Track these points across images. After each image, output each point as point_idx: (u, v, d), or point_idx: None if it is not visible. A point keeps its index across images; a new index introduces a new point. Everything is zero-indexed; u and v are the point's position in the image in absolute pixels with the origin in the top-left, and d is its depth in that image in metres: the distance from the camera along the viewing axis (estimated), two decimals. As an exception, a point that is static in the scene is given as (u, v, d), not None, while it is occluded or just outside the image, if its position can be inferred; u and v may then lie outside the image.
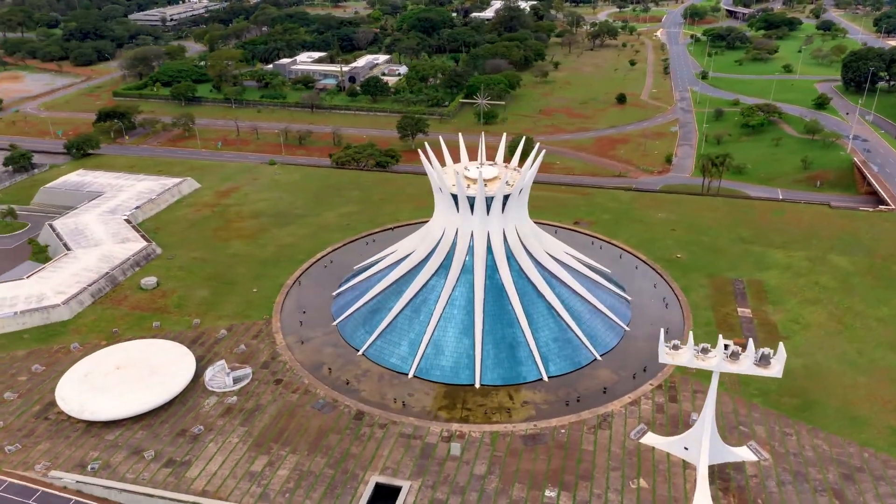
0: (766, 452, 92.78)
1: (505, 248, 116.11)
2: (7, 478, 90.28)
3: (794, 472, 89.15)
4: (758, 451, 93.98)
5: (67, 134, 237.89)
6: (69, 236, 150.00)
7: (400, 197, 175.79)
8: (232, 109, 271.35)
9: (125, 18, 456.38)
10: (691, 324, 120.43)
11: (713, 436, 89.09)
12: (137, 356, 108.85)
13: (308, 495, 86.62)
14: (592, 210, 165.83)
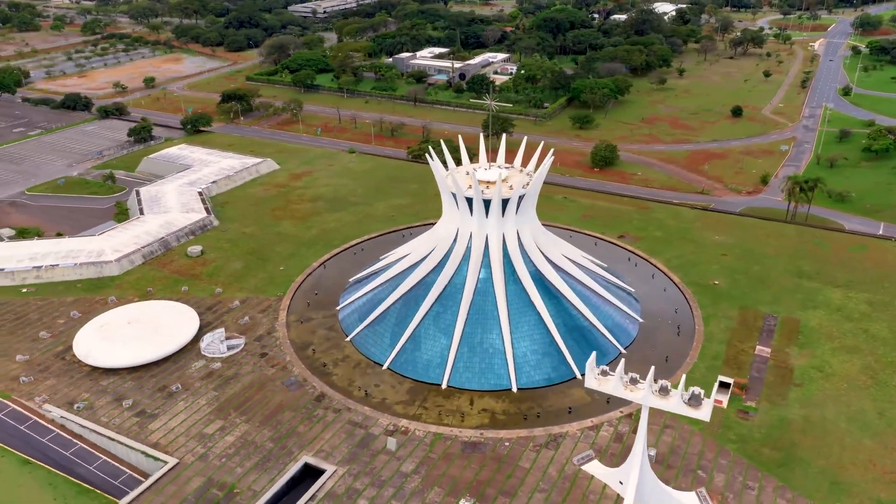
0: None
1: (503, 252, 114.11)
2: (11, 403, 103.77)
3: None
4: (705, 500, 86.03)
5: (196, 111, 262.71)
6: (147, 202, 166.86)
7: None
8: (343, 99, 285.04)
9: (284, 10, 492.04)
10: (696, 356, 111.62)
11: (650, 476, 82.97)
12: (150, 315, 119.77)
13: (241, 463, 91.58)
14: (646, 225, 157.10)
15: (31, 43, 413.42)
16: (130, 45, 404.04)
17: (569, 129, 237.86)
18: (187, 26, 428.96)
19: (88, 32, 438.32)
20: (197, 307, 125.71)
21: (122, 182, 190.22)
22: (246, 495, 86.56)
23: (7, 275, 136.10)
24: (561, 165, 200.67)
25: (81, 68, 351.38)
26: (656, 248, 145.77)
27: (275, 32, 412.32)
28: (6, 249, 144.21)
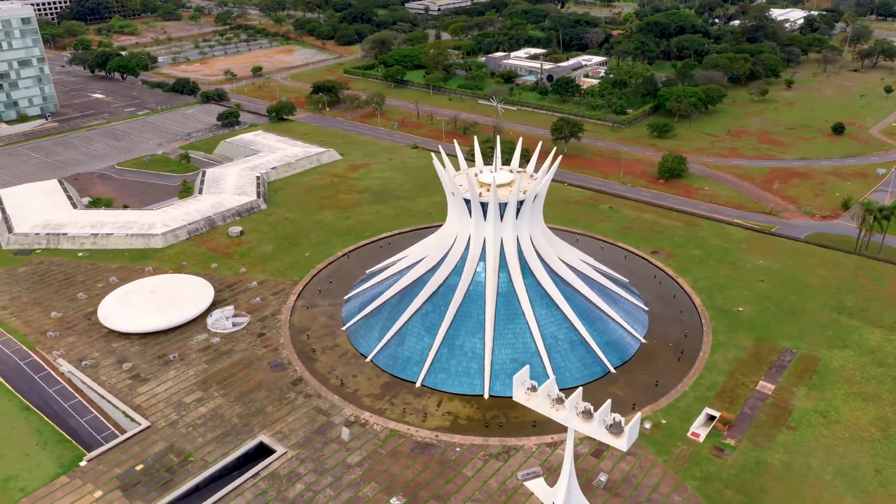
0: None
1: (500, 256, 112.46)
2: (33, 354, 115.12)
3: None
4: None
5: (288, 100, 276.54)
6: (208, 183, 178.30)
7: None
8: (429, 95, 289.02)
9: (401, 6, 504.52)
10: (689, 385, 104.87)
11: (578, 499, 79.47)
12: (171, 287, 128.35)
13: (204, 434, 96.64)
14: (686, 242, 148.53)
15: (169, 31, 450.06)
16: (252, 35, 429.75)
17: (645, 138, 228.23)
18: (306, 19, 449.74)
19: (220, 23, 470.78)
20: (218, 284, 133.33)
21: (197, 162, 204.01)
22: (198, 464, 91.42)
23: (69, 239, 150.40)
24: (625, 174, 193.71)
25: (204, 56, 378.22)
26: (688, 268, 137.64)
27: (385, 28, 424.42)
28: (76, 216, 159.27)
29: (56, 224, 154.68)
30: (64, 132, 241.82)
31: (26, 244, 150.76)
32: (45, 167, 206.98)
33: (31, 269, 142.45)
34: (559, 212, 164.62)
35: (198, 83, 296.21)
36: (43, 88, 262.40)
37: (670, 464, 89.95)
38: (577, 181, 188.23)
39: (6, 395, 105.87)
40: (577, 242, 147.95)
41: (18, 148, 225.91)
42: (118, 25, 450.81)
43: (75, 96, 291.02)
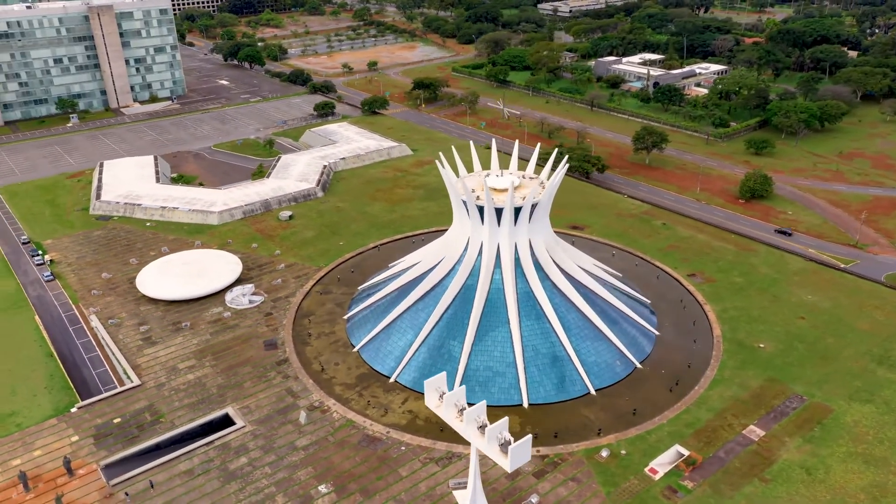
0: None
1: (496, 262, 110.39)
2: (75, 308, 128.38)
3: None
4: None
5: (392, 95, 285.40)
6: (279, 168, 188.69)
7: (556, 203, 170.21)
8: (528, 96, 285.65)
9: (533, 7, 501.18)
10: (668, 418, 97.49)
11: None
12: (203, 261, 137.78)
13: (181, 399, 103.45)
14: (733, 267, 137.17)
15: (310, 25, 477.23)
16: (381, 32, 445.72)
17: (740, 154, 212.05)
18: (434, 17, 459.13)
19: (357, 19, 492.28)
20: (250, 263, 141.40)
21: (282, 148, 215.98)
22: (165, 425, 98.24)
23: (142, 209, 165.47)
24: (702, 191, 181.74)
25: (331, 49, 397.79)
26: (722, 295, 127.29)
27: (510, 28, 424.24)
28: (154, 189, 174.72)
29: (135, 195, 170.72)
30: (182, 113, 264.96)
31: (108, 211, 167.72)
32: (155, 144, 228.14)
33: (104, 233, 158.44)
34: (607, 224, 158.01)
35: (312, 75, 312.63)
36: (174, 73, 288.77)
37: (612, 497, 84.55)
38: (642, 193, 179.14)
39: (39, 340, 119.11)
40: (612, 258, 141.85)
41: (141, 125, 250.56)
42: (265, 18, 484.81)
43: (205, 82, 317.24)
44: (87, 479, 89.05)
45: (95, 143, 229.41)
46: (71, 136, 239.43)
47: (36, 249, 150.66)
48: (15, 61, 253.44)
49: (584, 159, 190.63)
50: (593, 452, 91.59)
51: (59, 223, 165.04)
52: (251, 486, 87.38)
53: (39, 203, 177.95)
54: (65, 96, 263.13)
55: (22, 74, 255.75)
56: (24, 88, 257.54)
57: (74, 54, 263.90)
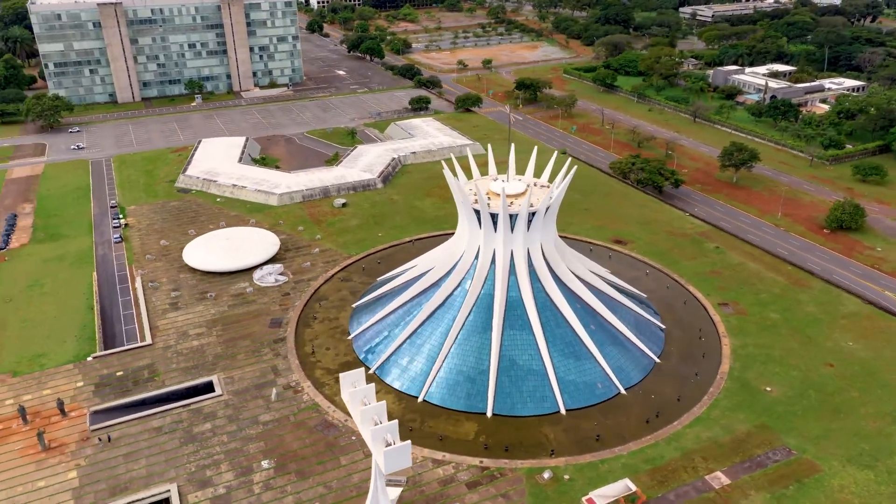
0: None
1: (490, 268, 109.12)
2: (128, 269, 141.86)
3: None
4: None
5: (495, 94, 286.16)
6: (351, 157, 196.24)
7: (606, 215, 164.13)
8: (632, 103, 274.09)
9: (674, 10, 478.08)
10: (629, 450, 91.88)
11: None
12: (244, 238, 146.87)
13: (180, 363, 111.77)
14: (773, 302, 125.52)
15: (444, 21, 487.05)
16: (509, 30, 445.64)
17: (844, 179, 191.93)
18: (564, 17, 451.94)
19: (491, 16, 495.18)
20: (290, 244, 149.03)
21: (366, 138, 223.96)
22: (156, 383, 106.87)
23: (217, 185, 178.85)
24: (783, 216, 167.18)
25: (454, 46, 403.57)
26: (747, 330, 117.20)
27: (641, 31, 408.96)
28: (232, 168, 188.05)
29: (214, 172, 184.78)
30: (292, 100, 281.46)
31: (189, 185, 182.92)
32: (257, 126, 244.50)
33: (179, 204, 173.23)
34: (654, 241, 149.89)
35: (426, 70, 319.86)
36: (293, 62, 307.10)
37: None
38: (714, 213, 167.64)
39: (88, 294, 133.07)
40: (646, 276, 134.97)
41: (252, 109, 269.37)
42: (402, 13, 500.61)
43: (325, 71, 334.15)
44: (76, 420, 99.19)
45: (208, 123, 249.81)
46: (190, 114, 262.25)
47: (118, 213, 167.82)
48: (155, 44, 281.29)
49: (656, 172, 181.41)
50: (536, 472, 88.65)
51: (146, 192, 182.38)
52: (204, 451, 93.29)
53: (138, 172, 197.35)
54: (195, 78, 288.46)
55: (160, 56, 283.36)
56: (161, 69, 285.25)
57: (206, 40, 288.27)
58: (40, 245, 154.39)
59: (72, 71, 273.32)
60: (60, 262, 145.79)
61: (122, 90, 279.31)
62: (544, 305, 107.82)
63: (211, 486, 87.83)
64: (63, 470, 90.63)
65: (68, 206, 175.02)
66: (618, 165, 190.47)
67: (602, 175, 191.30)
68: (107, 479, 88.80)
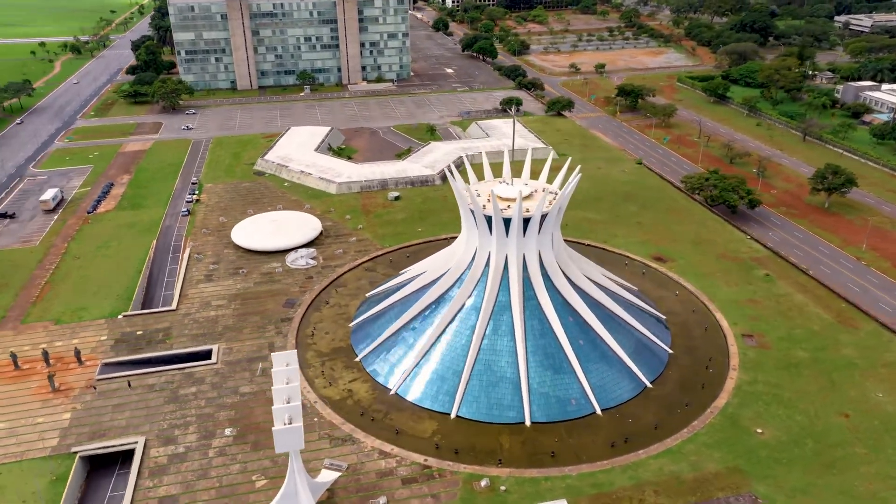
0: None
1: (483, 272, 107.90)
2: (182, 241, 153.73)
3: None
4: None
5: (598, 100, 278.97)
6: (420, 153, 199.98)
7: (672, 235, 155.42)
8: (741, 116, 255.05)
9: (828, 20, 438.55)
10: (580, 471, 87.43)
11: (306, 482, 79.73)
12: (289, 221, 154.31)
13: (192, 330, 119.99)
14: (808, 339, 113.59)
15: (573, 24, 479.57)
16: (637, 35, 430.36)
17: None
18: (698, 24, 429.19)
19: (624, 20, 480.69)
20: (332, 231, 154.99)
21: (445, 135, 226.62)
22: (165, 345, 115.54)
23: (287, 171, 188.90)
24: (870, 249, 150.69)
25: (574, 49, 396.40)
26: (764, 366, 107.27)
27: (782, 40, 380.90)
28: (306, 156, 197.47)
29: (288, 158, 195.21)
30: (394, 95, 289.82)
31: (265, 168, 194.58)
32: (351, 118, 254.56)
33: (250, 186, 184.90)
34: (699, 263, 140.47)
35: (539, 72, 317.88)
36: (401, 58, 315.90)
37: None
38: (789, 240, 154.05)
39: (142, 258, 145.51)
40: (674, 297, 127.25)
41: (352, 101, 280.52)
42: (532, 14, 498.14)
43: (434, 69, 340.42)
44: (88, 369, 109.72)
45: (308, 112, 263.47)
46: (295, 104, 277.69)
47: (195, 190, 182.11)
48: (275, 37, 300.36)
49: (730, 189, 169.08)
50: (476, 479, 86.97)
51: (227, 172, 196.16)
52: (180, 412, 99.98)
53: (228, 154, 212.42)
54: (308, 70, 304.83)
55: (278, 48, 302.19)
56: (278, 60, 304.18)
57: (321, 34, 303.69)
58: (121, 212, 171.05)
59: (200, 58, 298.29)
60: (130, 229, 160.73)
61: (242, 78, 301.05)
62: (533, 314, 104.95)
63: (174, 444, 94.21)
64: (61, 411, 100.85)
65: (158, 180, 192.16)
66: (689, 180, 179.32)
67: (672, 189, 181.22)
68: (91, 425, 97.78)
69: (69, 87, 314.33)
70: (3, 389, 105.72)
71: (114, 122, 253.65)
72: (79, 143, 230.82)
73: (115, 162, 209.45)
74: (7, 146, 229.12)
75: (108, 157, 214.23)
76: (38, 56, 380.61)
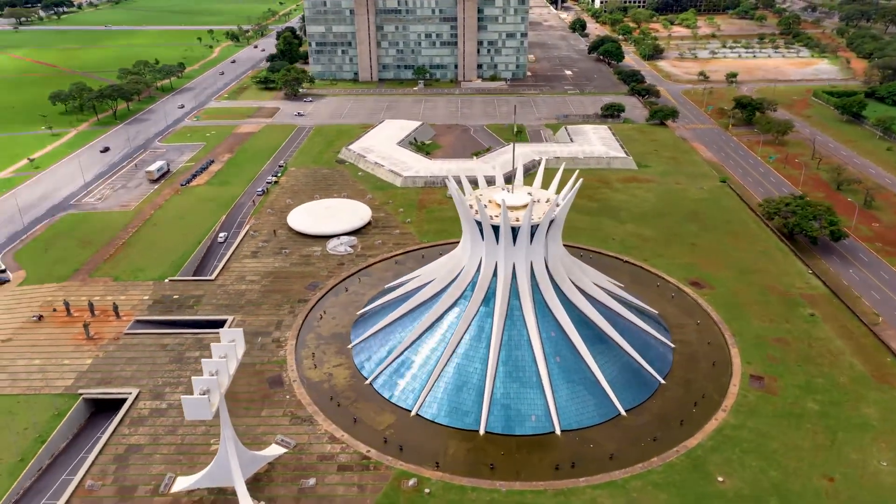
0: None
1: (473, 278, 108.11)
2: (246, 220, 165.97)
3: None
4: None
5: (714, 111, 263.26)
6: (493, 154, 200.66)
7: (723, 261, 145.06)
8: (873, 137, 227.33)
9: None
10: (511, 488, 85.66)
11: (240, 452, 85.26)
12: (341, 209, 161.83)
13: (220, 299, 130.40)
14: (827, 390, 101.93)
15: (725, 28, 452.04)
16: (790, 43, 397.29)
17: None
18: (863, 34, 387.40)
19: (782, 26, 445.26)
20: (382, 222, 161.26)
21: (534, 136, 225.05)
22: (179, 312, 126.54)
23: (364, 161, 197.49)
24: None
25: (713, 55, 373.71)
26: (760, 411, 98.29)
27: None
28: (385, 148, 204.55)
29: (368, 149, 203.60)
30: (502, 94, 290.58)
31: (346, 157, 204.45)
32: (451, 114, 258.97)
33: (328, 172, 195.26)
34: (737, 293, 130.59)
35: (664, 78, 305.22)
36: (518, 58, 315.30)
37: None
38: (865, 280, 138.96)
39: (208, 230, 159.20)
40: (695, 326, 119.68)
41: (459, 98, 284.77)
42: (681, 18, 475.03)
43: (555, 70, 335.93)
44: (123, 323, 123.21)
45: (413, 106, 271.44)
46: (404, 97, 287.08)
47: (277, 172, 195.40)
48: (397, 32, 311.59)
49: (811, 217, 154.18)
50: (406, 477, 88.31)
51: (314, 158, 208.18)
52: (178, 373, 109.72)
53: (323, 141, 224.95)
54: (426, 66, 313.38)
55: (400, 43, 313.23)
56: (399, 55, 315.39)
57: (441, 31, 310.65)
58: (209, 187, 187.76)
59: (328, 50, 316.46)
60: (210, 203, 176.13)
61: (364, 70, 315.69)
62: (514, 324, 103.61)
63: (160, 399, 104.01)
64: (85, 357, 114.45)
65: (252, 161, 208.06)
66: (767, 204, 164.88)
67: (747, 212, 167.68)
68: (104, 372, 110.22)
69: (216, 71, 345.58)
70: (51, 331, 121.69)
71: (239, 105, 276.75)
72: (204, 122, 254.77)
73: (225, 141, 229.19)
74: (149, 121, 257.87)
75: (222, 136, 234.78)
76: (203, 42, 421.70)
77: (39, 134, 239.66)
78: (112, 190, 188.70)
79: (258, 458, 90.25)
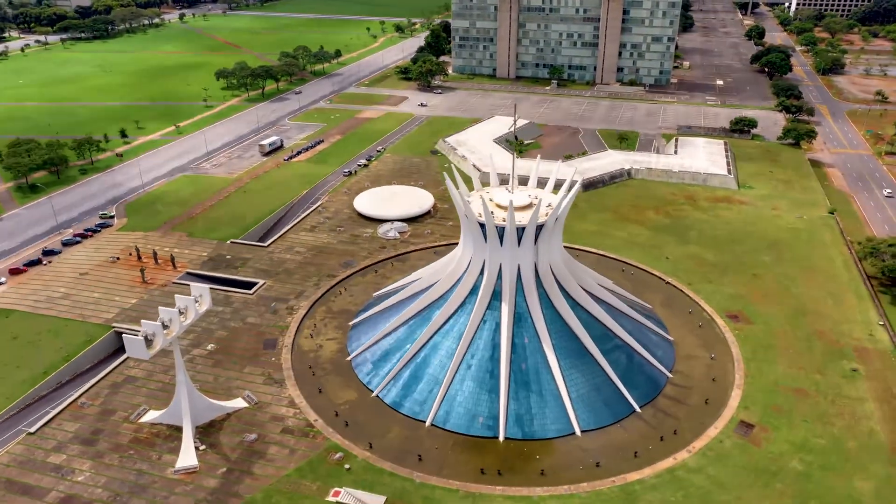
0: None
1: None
2: (321, 197, 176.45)
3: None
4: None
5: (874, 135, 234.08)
6: (587, 158, 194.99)
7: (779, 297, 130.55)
8: None
9: None
10: (417, 478, 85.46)
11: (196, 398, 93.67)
12: (406, 196, 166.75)
13: (262, 265, 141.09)
14: (818, 451, 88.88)
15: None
16: None
17: None
18: None
19: None
20: (443, 213, 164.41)
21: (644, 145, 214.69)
22: (225, 270, 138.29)
23: (455, 154, 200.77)
24: None
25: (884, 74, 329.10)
26: (730, 460, 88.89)
27: None
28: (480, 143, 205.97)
29: (461, 142, 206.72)
30: (633, 100, 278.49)
31: (440, 148, 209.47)
32: (569, 116, 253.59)
33: (418, 162, 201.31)
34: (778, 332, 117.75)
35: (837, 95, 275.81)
36: (663, 63, 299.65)
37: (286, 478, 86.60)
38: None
39: (285, 201, 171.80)
40: (709, 360, 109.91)
41: (586, 101, 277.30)
42: (886, 30, 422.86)
43: (704, 78, 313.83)
44: (177, 273, 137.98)
45: (536, 106, 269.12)
46: (531, 96, 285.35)
47: (371, 156, 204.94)
48: (539, 31, 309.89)
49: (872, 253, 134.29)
50: (336, 450, 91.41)
51: (411, 147, 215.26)
52: (197, 324, 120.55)
53: (430, 132, 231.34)
54: (565, 66, 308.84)
55: (540, 42, 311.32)
56: (538, 53, 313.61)
57: (583, 32, 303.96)
58: (307, 164, 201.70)
59: (470, 45, 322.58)
60: (300, 178, 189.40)
61: (502, 66, 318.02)
62: (489, 325, 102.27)
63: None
64: (133, 298, 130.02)
65: (357, 144, 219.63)
66: (866, 244, 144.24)
67: (841, 251, 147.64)
68: (138, 311, 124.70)
69: (371, 59, 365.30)
70: (119, 272, 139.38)
71: (373, 93, 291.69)
72: (335, 105, 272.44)
73: (343, 124, 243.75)
74: (290, 100, 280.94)
75: (343, 119, 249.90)
76: (371, 31, 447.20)
77: (196, 105, 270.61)
78: (228, 159, 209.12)
79: (217, 406, 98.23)
